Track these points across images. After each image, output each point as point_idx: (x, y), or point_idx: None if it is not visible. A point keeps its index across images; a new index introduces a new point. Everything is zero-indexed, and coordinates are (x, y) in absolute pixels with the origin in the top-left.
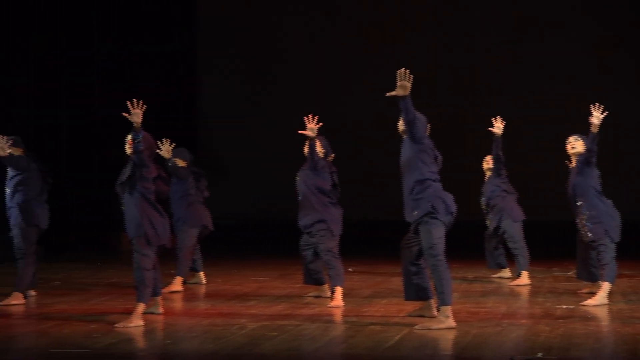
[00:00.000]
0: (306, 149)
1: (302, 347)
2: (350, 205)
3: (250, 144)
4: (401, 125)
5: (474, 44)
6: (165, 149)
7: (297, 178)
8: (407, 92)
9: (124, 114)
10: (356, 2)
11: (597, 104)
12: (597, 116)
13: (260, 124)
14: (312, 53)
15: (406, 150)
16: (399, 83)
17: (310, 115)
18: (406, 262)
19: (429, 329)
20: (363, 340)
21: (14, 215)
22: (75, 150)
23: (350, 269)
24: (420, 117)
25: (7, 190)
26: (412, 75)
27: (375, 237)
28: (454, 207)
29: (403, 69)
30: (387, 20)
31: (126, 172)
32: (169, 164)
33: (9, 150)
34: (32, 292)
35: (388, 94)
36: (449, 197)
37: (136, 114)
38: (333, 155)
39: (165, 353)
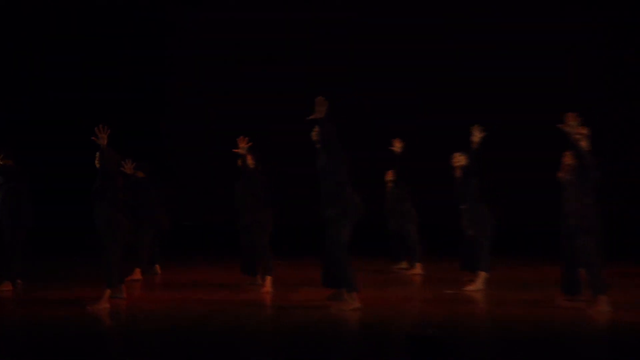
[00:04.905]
0: (240, 162)
1: (242, 325)
2: (280, 209)
3: (205, 161)
4: (315, 135)
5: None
6: (128, 167)
7: (235, 186)
8: (323, 115)
9: (92, 138)
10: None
11: (477, 125)
12: (477, 135)
13: (212, 141)
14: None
15: (322, 155)
16: (317, 108)
17: (242, 137)
18: (325, 255)
19: (342, 310)
20: (290, 320)
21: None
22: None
23: (279, 262)
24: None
25: None
26: (327, 101)
27: (302, 237)
28: (360, 207)
29: (321, 97)
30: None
31: (97, 182)
32: (132, 180)
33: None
34: (19, 281)
35: (309, 118)
36: (357, 197)
37: (102, 138)
38: (260, 167)
39: (127, 331)
